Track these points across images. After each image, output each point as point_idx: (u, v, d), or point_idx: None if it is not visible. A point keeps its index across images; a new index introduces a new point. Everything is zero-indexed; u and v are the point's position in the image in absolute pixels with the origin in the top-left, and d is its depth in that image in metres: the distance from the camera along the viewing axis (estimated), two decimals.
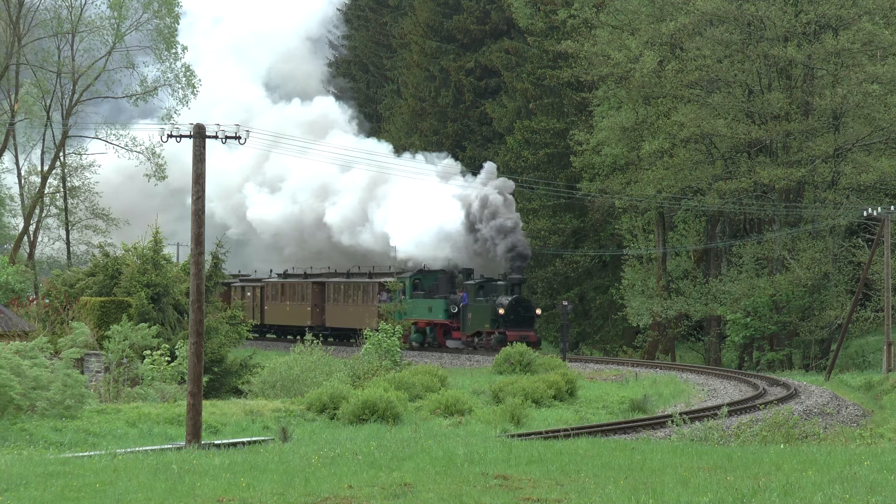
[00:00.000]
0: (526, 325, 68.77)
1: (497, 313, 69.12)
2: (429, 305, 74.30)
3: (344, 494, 20.76)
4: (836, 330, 69.40)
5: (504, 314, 68.80)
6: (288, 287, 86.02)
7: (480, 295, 70.62)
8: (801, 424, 38.55)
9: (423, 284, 74.88)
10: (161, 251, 55.42)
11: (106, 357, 44.84)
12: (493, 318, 69.55)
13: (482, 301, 70.42)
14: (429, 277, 74.95)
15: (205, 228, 32.86)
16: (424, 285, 74.84)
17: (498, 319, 69.11)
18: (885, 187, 72.33)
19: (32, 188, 76.43)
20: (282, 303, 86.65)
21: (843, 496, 19.90)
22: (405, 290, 74.86)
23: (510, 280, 69.83)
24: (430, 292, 74.53)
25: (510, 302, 68.72)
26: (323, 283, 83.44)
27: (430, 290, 74.66)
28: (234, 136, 33.22)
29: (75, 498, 20.94)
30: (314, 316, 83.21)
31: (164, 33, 75.86)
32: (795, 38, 71.41)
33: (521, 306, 69.03)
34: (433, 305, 74.12)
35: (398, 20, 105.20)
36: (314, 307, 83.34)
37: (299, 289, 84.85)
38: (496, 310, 69.20)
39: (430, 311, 74.36)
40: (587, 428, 38.59)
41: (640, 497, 20.05)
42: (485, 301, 70.29)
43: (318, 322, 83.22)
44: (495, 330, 69.31)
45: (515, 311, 68.82)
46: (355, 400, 41.21)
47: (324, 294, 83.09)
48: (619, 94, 77.65)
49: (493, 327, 69.58)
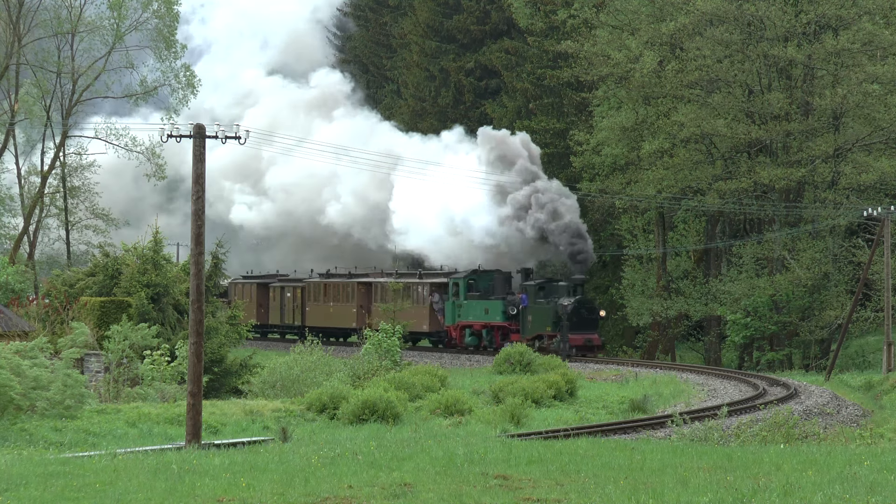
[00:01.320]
0: (589, 328, 66.42)
1: (558, 315, 66.46)
2: (485, 307, 71.09)
3: (344, 494, 20.76)
4: (836, 330, 69.38)
5: (566, 316, 66.28)
6: (331, 287, 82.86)
7: (541, 296, 67.77)
8: (801, 424, 38.55)
9: (479, 285, 71.93)
10: (161, 251, 55.44)
11: (106, 357, 44.84)
12: (554, 321, 66.76)
13: (543, 302, 67.55)
14: (484, 277, 72.05)
15: (205, 228, 32.88)
16: (479, 286, 71.86)
17: (560, 322, 66.53)
18: (885, 187, 72.31)
19: (32, 188, 76.41)
20: (324, 304, 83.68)
21: (843, 496, 19.90)
22: (459, 292, 72.18)
23: (572, 280, 67.43)
24: (486, 293, 71.49)
25: (573, 303, 66.18)
26: (370, 283, 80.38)
27: (485, 290, 71.65)
28: (234, 136, 33.23)
29: (75, 498, 20.94)
30: (360, 318, 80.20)
31: (164, 33, 75.85)
32: (795, 38, 71.40)
33: (584, 308, 66.57)
34: (490, 307, 70.90)
35: (398, 20, 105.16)
36: (360, 309, 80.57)
37: (344, 289, 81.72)
38: (557, 312, 66.51)
39: (487, 312, 71.14)
40: (587, 428, 38.58)
41: (640, 497, 20.05)
42: (545, 303, 67.41)
43: (363, 324, 79.30)
44: (557, 333, 66.67)
45: (578, 312, 66.30)
46: (355, 400, 41.21)
47: (370, 295, 79.97)
48: (619, 94, 77.62)
49: (555, 330, 66.80)
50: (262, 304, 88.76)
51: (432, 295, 74.53)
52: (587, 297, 67.92)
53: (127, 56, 76.77)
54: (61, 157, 76.59)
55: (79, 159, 78.66)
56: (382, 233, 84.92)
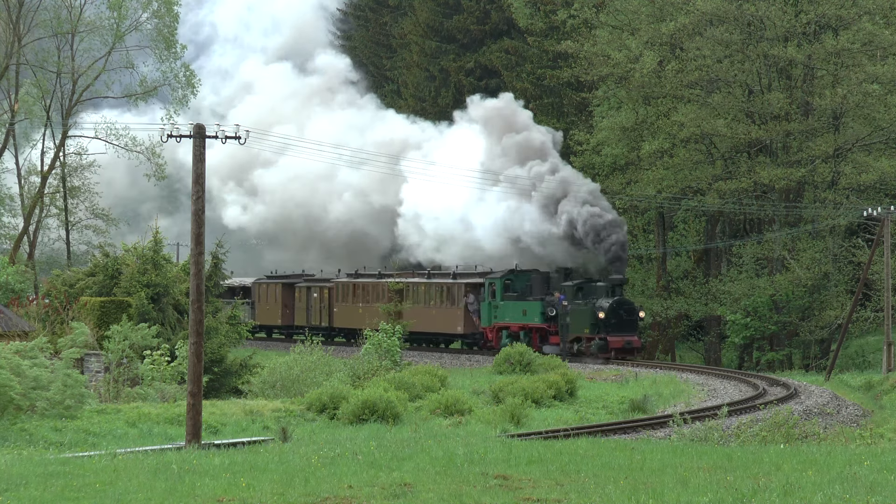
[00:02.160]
0: (629, 330, 64.26)
1: (597, 317, 64.22)
2: (523, 308, 68.40)
3: (344, 494, 20.76)
4: (836, 330, 69.40)
5: (604, 318, 63.97)
6: (360, 288, 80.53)
7: (579, 297, 65.54)
8: (801, 424, 38.55)
9: (515, 285, 69.41)
10: (161, 251, 55.46)
11: (106, 357, 44.83)
12: (592, 323, 64.51)
13: (580, 304, 65.31)
14: (521, 278, 69.55)
15: (205, 228, 32.88)
16: (516, 286, 69.35)
17: (598, 324, 64.28)
18: (885, 187, 72.36)
19: (32, 188, 76.40)
20: (353, 304, 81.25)
21: (843, 496, 19.90)
22: (495, 292, 69.67)
23: (611, 281, 65.26)
24: (523, 294, 68.99)
25: (611, 304, 63.93)
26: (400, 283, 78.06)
27: (522, 291, 69.13)
28: (234, 136, 33.23)
29: (75, 498, 20.94)
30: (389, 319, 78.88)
31: (164, 33, 75.84)
32: (795, 38, 71.43)
33: (622, 309, 64.20)
34: (528, 308, 68.19)
35: (398, 20, 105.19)
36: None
37: (374, 290, 79.39)
38: (596, 313, 64.27)
39: (525, 314, 68.39)
40: (587, 428, 38.57)
41: (640, 497, 20.04)
42: (583, 304, 65.13)
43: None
44: (595, 335, 64.60)
45: (617, 314, 64.01)
46: (355, 400, 41.21)
47: (402, 296, 77.21)
48: (619, 94, 77.65)
49: (594, 332, 64.61)
50: (287, 304, 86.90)
51: (467, 296, 72.45)
52: (626, 298, 65.71)
53: (127, 56, 76.79)
54: (61, 157, 76.59)
55: (79, 159, 78.67)
56: (389, 230, 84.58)
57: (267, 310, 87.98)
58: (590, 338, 64.77)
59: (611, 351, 64.04)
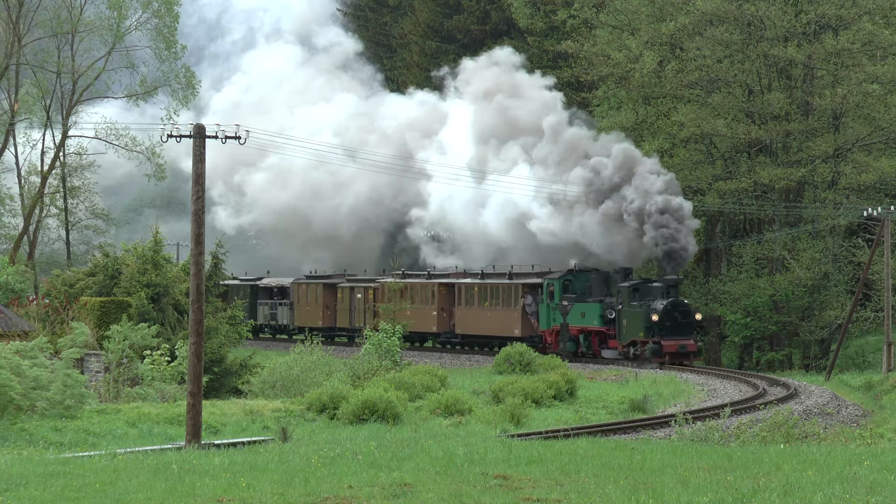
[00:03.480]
0: (684, 333, 61.52)
1: (650, 319, 61.53)
2: (582, 310, 65.48)
3: (344, 494, 20.76)
4: (836, 330, 69.40)
5: (658, 321, 61.22)
6: (408, 289, 76.81)
7: (636, 298, 62.74)
8: (801, 424, 38.56)
9: (575, 286, 66.46)
10: (161, 251, 55.47)
11: (106, 357, 44.84)
12: (647, 326, 61.77)
13: (636, 305, 62.58)
14: (581, 278, 66.61)
15: (205, 228, 32.88)
16: (576, 287, 66.43)
17: (652, 327, 61.51)
18: (885, 187, 72.36)
19: (32, 188, 76.41)
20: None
21: (843, 496, 19.89)
22: (553, 293, 66.75)
23: (665, 281, 62.44)
24: (582, 295, 66.04)
25: (665, 306, 61.21)
26: (452, 284, 74.97)
27: (581, 292, 66.15)
28: (234, 136, 33.24)
29: (75, 498, 20.94)
30: (441, 321, 75.03)
31: (164, 33, 75.85)
32: (795, 38, 71.42)
33: (677, 311, 61.43)
34: (587, 310, 65.32)
35: (398, 20, 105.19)
36: (441, 311, 75.14)
37: (422, 290, 76.24)
38: (649, 316, 61.59)
39: (584, 316, 65.54)
40: (587, 428, 38.58)
41: (640, 497, 20.04)
42: (638, 306, 62.44)
43: (445, 328, 75.34)
44: (649, 339, 61.79)
45: (671, 316, 61.31)
46: (355, 400, 41.22)
47: (453, 297, 74.63)
48: (619, 94, 77.62)
49: (648, 335, 61.78)
50: (328, 305, 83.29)
51: (525, 297, 69.35)
52: (681, 300, 62.61)
53: (127, 56, 76.81)
54: (61, 157, 76.60)
55: (79, 159, 78.69)
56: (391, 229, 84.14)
57: (307, 311, 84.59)
58: (644, 341, 62.20)
59: (665, 355, 61.58)
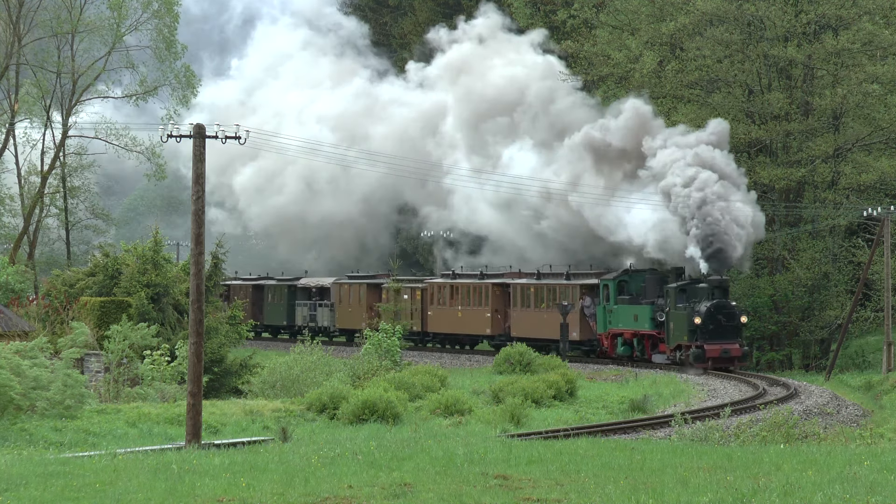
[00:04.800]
0: (728, 337, 58.36)
1: (693, 322, 58.65)
2: (634, 313, 62.57)
3: (344, 494, 20.76)
4: (836, 330, 69.39)
5: (701, 323, 58.23)
6: (460, 289, 73.91)
7: (682, 300, 59.67)
8: (801, 424, 38.56)
9: (631, 287, 63.50)
10: (161, 251, 55.48)
11: (106, 357, 44.85)
12: (690, 329, 58.79)
13: (682, 308, 59.52)
14: (636, 278, 63.49)
15: (205, 228, 32.89)
16: (632, 288, 63.43)
17: (695, 330, 58.56)
18: (885, 187, 72.32)
19: (32, 188, 76.44)
20: (451, 307, 74.60)
21: (843, 496, 19.89)
22: (609, 295, 64.03)
23: (710, 282, 59.24)
24: (636, 297, 63.07)
25: (707, 308, 58.21)
26: (507, 284, 71.67)
27: (636, 293, 63.17)
28: (234, 136, 33.25)
29: (75, 498, 20.94)
30: (495, 324, 71.75)
31: (164, 33, 75.88)
32: (795, 38, 71.40)
33: (721, 314, 58.39)
34: (639, 313, 62.27)
35: (398, 20, 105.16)
36: (495, 313, 71.86)
37: (475, 291, 72.89)
38: (692, 318, 58.70)
39: (636, 319, 62.63)
40: (587, 428, 38.59)
41: (640, 497, 20.04)
42: (684, 308, 59.42)
43: (499, 331, 71.98)
44: (693, 343, 58.69)
45: (714, 319, 58.25)
46: (355, 400, 41.23)
47: (508, 298, 71.42)
48: (620, 95, 77.57)
49: (692, 339, 58.76)
50: (372, 306, 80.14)
51: (583, 298, 66.51)
52: (726, 301, 59.20)
53: (127, 56, 76.84)
54: (61, 157, 76.62)
55: (79, 159, 78.72)
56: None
57: (349, 313, 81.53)
58: (688, 346, 59.32)
59: (708, 360, 58.43)
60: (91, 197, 79.98)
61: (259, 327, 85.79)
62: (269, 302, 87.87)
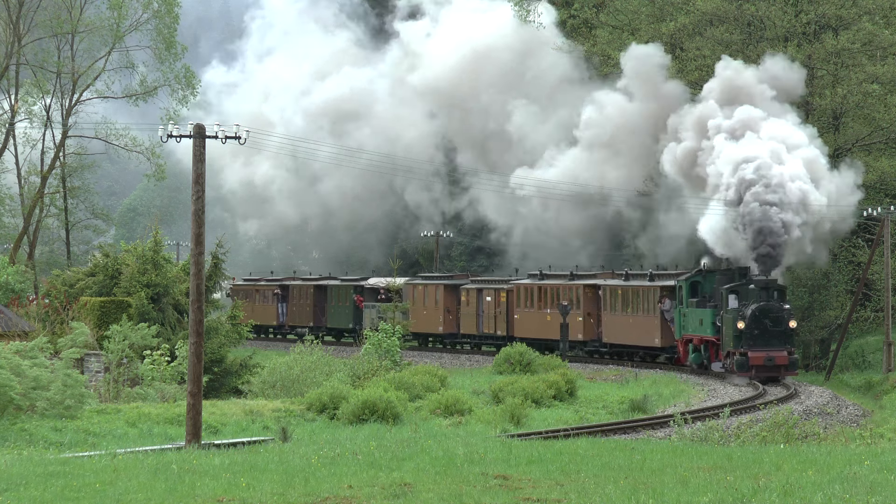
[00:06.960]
0: (774, 343, 53.30)
1: (737, 327, 54.05)
2: (700, 317, 57.73)
3: (344, 494, 20.75)
4: (836, 330, 69.39)
5: (745, 328, 53.67)
6: (549, 291, 69.17)
7: (733, 302, 55.19)
8: (801, 424, 38.57)
9: (705, 287, 58.45)
10: (161, 251, 55.49)
11: (106, 357, 44.85)
12: (735, 334, 54.11)
13: (732, 311, 54.91)
14: (710, 279, 58.31)
15: (205, 228, 32.89)
16: (705, 289, 58.41)
17: (740, 335, 53.94)
18: (885, 187, 72.31)
19: (32, 188, 76.43)
20: (539, 311, 69.45)
21: (843, 496, 19.89)
22: (683, 297, 59.25)
23: (758, 283, 54.73)
24: (706, 299, 57.96)
25: (752, 312, 53.47)
26: (598, 286, 67.13)
27: (708, 295, 57.99)
28: (234, 136, 33.25)
29: (75, 498, 20.94)
30: (587, 328, 67.41)
31: (164, 33, 75.86)
32: (795, 38, 71.39)
33: (767, 317, 53.53)
34: (704, 317, 57.33)
35: None
36: (587, 317, 67.39)
37: (565, 293, 68.03)
38: (736, 323, 54.14)
39: (701, 324, 57.69)
40: (587, 428, 38.60)
41: (640, 497, 20.04)
42: (734, 311, 54.75)
43: (591, 335, 67.69)
44: (737, 350, 54.07)
45: (759, 323, 53.50)
46: (355, 400, 41.23)
47: (599, 301, 66.91)
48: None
49: (737, 346, 54.05)
50: (450, 309, 76.32)
51: (662, 301, 62.10)
52: (771, 304, 53.99)
53: (127, 56, 76.84)
54: (61, 157, 76.61)
55: (79, 159, 78.72)
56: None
57: (424, 315, 76.99)
58: (732, 352, 54.63)
59: (751, 369, 53.60)
60: (91, 197, 79.97)
61: (321, 329, 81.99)
62: (333, 304, 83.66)
